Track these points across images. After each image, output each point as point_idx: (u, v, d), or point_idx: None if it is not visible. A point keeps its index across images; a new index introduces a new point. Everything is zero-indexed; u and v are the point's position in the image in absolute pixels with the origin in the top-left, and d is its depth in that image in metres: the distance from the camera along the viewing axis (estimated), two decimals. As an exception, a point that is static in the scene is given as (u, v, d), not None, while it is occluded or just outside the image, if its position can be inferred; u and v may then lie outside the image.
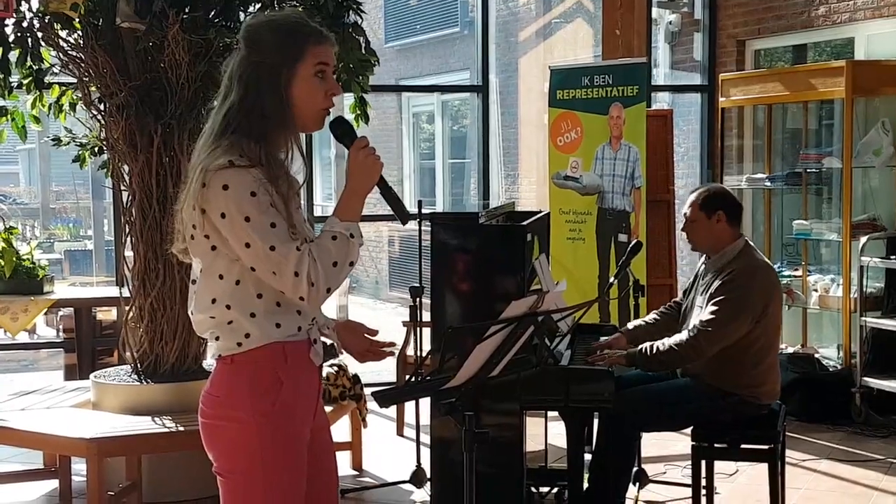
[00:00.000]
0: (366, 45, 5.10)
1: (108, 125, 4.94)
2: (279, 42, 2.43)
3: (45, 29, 4.87)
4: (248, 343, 2.42)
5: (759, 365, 4.26)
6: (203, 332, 2.51)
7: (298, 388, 2.47)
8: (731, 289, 4.19)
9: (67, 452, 4.82)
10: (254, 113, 2.41)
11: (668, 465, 5.46)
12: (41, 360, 9.86)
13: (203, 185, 2.35)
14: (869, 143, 6.60)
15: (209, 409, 2.47)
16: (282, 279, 2.34)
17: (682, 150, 8.85)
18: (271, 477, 2.43)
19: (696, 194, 4.43)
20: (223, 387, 2.46)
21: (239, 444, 2.43)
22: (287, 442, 2.45)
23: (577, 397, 3.99)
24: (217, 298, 2.43)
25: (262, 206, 2.33)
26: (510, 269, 4.08)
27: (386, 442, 6.11)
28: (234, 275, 2.41)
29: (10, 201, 16.90)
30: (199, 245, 2.43)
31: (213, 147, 2.40)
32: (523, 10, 12.70)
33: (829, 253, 7.24)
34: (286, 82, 2.42)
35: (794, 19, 7.49)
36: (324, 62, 2.46)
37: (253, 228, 2.32)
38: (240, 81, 2.44)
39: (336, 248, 2.38)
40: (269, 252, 2.33)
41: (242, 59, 2.45)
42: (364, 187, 2.44)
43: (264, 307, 2.42)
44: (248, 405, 2.41)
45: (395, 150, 15.33)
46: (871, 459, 5.65)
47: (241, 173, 2.34)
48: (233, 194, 2.32)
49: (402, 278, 13.71)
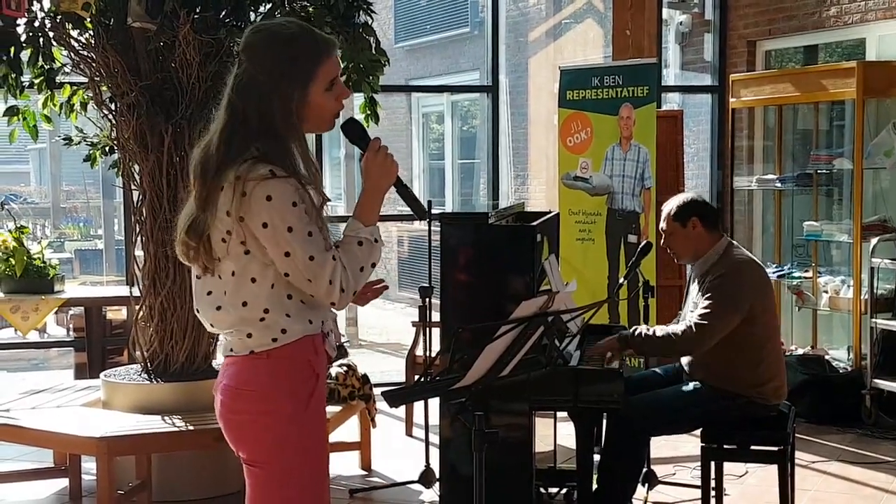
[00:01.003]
0: (376, 46, 5.10)
1: (118, 125, 4.95)
2: (287, 63, 2.44)
3: (56, 28, 4.88)
4: (284, 338, 2.48)
5: (760, 363, 4.26)
6: (225, 329, 2.54)
7: (324, 378, 2.58)
8: (719, 284, 4.23)
9: (78, 451, 4.83)
10: (270, 132, 2.44)
11: (678, 466, 5.45)
12: (51, 359, 9.89)
13: (243, 194, 2.38)
14: (880, 145, 6.58)
15: (243, 405, 2.50)
16: (317, 286, 2.43)
17: (693, 151, 8.84)
18: (309, 464, 2.53)
19: (668, 207, 4.44)
20: (258, 381, 2.49)
21: (277, 435, 2.48)
22: (320, 429, 2.57)
23: (586, 398, 3.98)
24: (249, 301, 2.48)
25: (303, 216, 2.41)
26: (520, 270, 4.08)
27: (395, 442, 6.11)
28: (269, 279, 2.47)
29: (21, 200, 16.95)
30: (233, 249, 2.47)
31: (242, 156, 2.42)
32: (533, 11, 12.70)
33: (839, 254, 7.22)
34: (299, 103, 2.46)
35: (805, 20, 7.47)
36: (334, 76, 2.50)
37: (295, 238, 2.39)
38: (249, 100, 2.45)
39: (362, 254, 2.47)
40: (309, 262, 2.40)
41: (251, 78, 2.46)
42: (382, 187, 2.50)
43: (297, 306, 2.50)
44: (289, 397, 2.48)
45: (404, 150, 15.33)
46: (882, 461, 5.63)
47: (282, 183, 2.39)
48: (277, 205, 2.38)
49: (411, 278, 13.71)
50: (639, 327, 4.33)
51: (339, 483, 5.24)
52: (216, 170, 2.45)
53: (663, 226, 4.45)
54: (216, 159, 2.46)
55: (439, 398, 3.88)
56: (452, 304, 4.17)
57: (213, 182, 2.45)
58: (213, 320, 2.56)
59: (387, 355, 10.46)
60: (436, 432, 4.48)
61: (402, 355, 7.55)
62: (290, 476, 2.51)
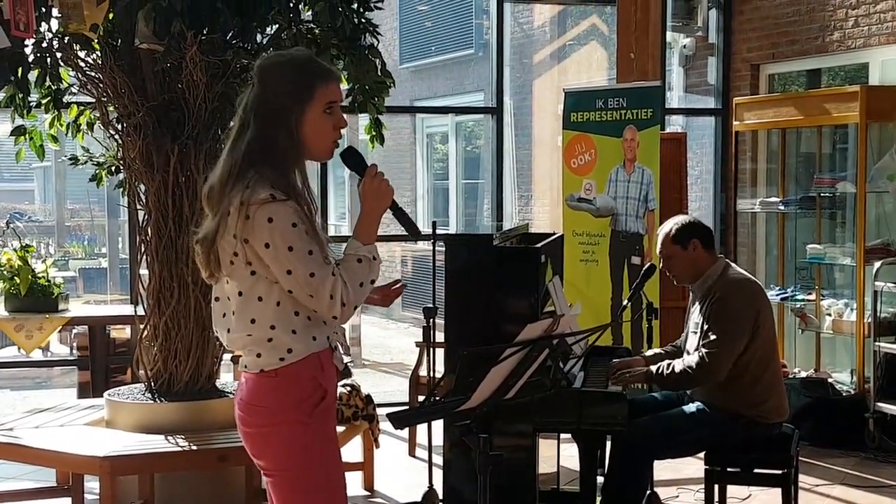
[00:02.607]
0: (381, 67, 5.13)
1: (125, 145, 4.97)
2: (290, 85, 2.65)
3: (64, 49, 4.91)
4: (290, 357, 2.64)
5: (759, 381, 4.28)
6: (238, 349, 2.72)
7: (332, 392, 2.73)
8: (720, 309, 4.25)
9: (81, 470, 4.82)
10: (271, 149, 2.62)
11: (681, 488, 5.44)
12: (54, 378, 9.90)
13: (247, 217, 2.56)
14: (883, 168, 6.60)
15: (256, 419, 2.69)
16: (318, 301, 2.58)
17: (696, 174, 8.86)
18: (323, 468, 2.69)
19: (665, 231, 4.47)
20: (269, 398, 2.67)
21: (291, 444, 2.66)
22: (330, 438, 2.74)
23: (590, 420, 3.98)
24: (256, 319, 2.64)
25: (302, 236, 2.57)
26: (524, 291, 4.08)
27: (398, 462, 6.11)
28: (275, 297, 2.63)
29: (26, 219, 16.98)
30: (238, 270, 2.64)
31: (244, 182, 2.59)
32: (538, 33, 12.75)
33: (842, 277, 7.23)
34: (297, 122, 2.64)
35: (808, 44, 7.51)
36: (332, 101, 2.68)
37: (296, 257, 2.56)
38: (255, 119, 2.65)
39: (362, 270, 2.63)
40: (309, 278, 2.56)
41: (257, 96, 2.67)
42: (379, 210, 2.69)
43: (302, 323, 2.65)
44: (297, 410, 2.64)
45: (408, 170, 15.37)
46: (885, 485, 5.62)
47: (282, 206, 2.56)
48: (277, 226, 2.55)
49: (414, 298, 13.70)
50: (660, 364, 4.34)
51: None
52: (220, 194, 2.63)
53: (662, 250, 4.47)
54: (220, 184, 2.64)
55: (444, 419, 3.89)
56: (456, 324, 4.18)
57: (220, 206, 2.62)
58: (227, 341, 2.75)
59: (390, 375, 10.45)
60: (439, 453, 4.48)
61: (404, 375, 7.56)
62: (306, 481, 2.68)
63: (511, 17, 11.79)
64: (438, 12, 15.19)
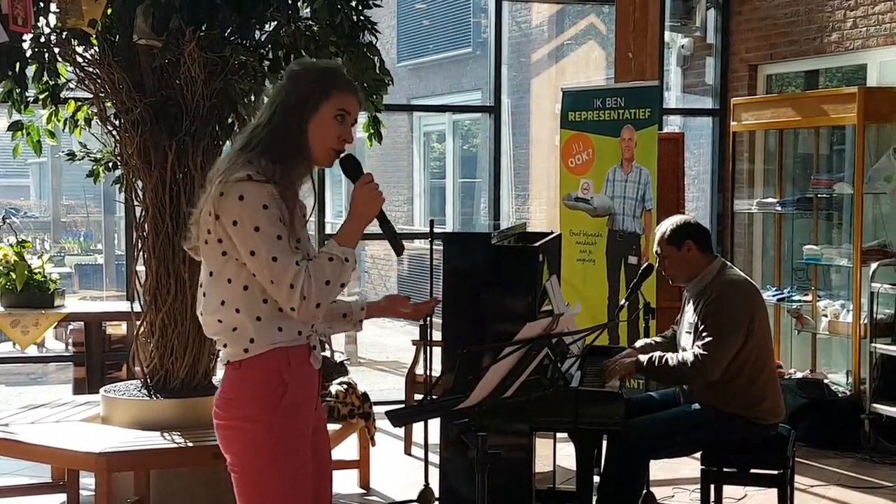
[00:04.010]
0: (380, 65, 5.12)
1: (122, 141, 4.97)
2: (312, 80, 2.71)
3: (62, 45, 4.90)
4: (253, 348, 2.65)
5: (755, 382, 4.28)
6: (212, 335, 2.74)
7: (301, 389, 2.70)
8: (715, 309, 4.26)
9: (76, 466, 4.82)
10: (275, 135, 2.66)
11: (677, 488, 5.45)
12: (50, 374, 9.88)
13: (221, 193, 2.59)
14: (880, 170, 6.60)
15: (223, 412, 2.70)
16: (278, 289, 2.57)
17: (693, 174, 8.86)
18: (282, 469, 2.66)
19: (661, 232, 4.48)
20: (234, 390, 2.69)
21: (252, 441, 2.65)
22: (294, 437, 2.68)
23: (587, 419, 3.98)
24: (226, 301, 2.66)
25: (272, 219, 2.57)
26: (522, 290, 4.08)
27: (394, 461, 6.10)
28: (243, 280, 2.64)
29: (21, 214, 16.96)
30: (211, 249, 2.67)
31: (235, 160, 2.64)
32: (536, 32, 12.75)
33: (839, 278, 7.23)
34: (308, 115, 2.68)
35: (806, 45, 7.51)
36: (345, 110, 2.72)
37: (261, 238, 2.56)
38: (271, 106, 2.71)
39: (331, 269, 2.60)
40: (271, 262, 2.56)
41: (280, 87, 2.76)
42: (366, 217, 2.69)
43: (269, 311, 2.64)
44: (258, 405, 2.64)
45: (405, 168, 15.36)
46: (881, 486, 5.63)
47: (256, 186, 2.57)
48: (247, 205, 2.56)
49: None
50: (653, 354, 4.35)
51: (339, 501, 5.24)
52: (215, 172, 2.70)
53: (657, 249, 4.48)
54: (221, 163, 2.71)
55: (441, 418, 3.89)
56: (454, 323, 4.18)
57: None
58: (202, 323, 2.75)
59: (386, 373, 10.45)
60: (435, 451, 4.48)
61: (400, 373, 7.56)
62: (264, 480, 2.66)
63: (509, 15, 11.78)
64: (436, 11, 15.18)
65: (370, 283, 15.40)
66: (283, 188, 2.62)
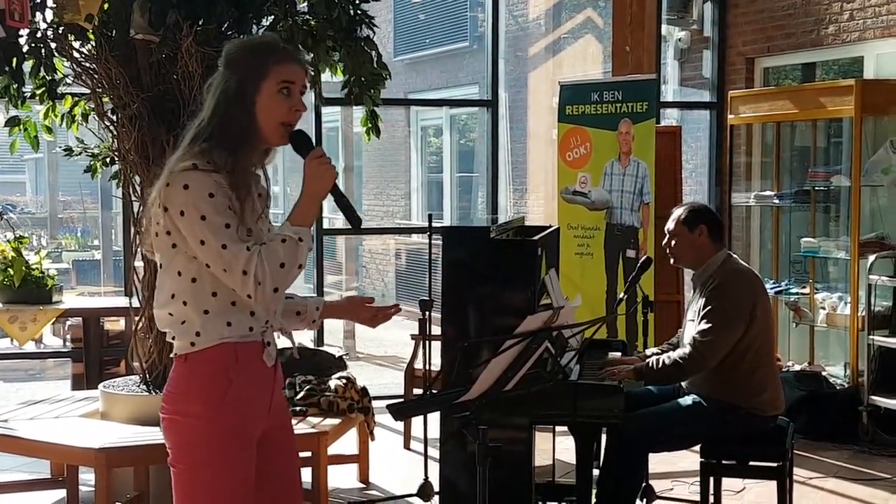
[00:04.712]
0: (378, 59, 5.12)
1: (120, 136, 4.95)
2: (248, 61, 2.63)
3: (59, 40, 4.88)
4: (199, 342, 2.58)
5: (755, 372, 4.29)
6: (163, 328, 2.67)
7: (249, 387, 2.63)
8: (717, 296, 4.27)
9: (75, 462, 4.82)
10: (222, 124, 2.59)
11: (676, 481, 5.45)
12: (48, 370, 9.88)
13: (167, 184, 2.54)
14: (877, 162, 6.61)
15: (166, 405, 2.64)
16: (231, 276, 2.51)
17: (691, 167, 8.86)
18: (217, 472, 2.59)
19: (679, 211, 4.51)
20: (178, 384, 2.62)
21: (189, 439, 2.60)
22: (234, 435, 2.60)
23: (586, 412, 3.99)
24: (176, 294, 2.60)
25: (219, 208, 2.51)
26: (521, 284, 4.08)
27: (393, 455, 6.11)
28: (192, 272, 2.58)
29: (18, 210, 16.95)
30: (161, 242, 2.60)
31: (184, 153, 2.58)
32: (533, 26, 12.74)
33: (836, 271, 7.24)
34: (251, 97, 2.60)
35: (803, 37, 7.51)
36: (288, 80, 2.63)
37: (208, 227, 2.50)
38: (213, 95, 2.63)
39: (284, 251, 2.52)
40: (221, 250, 2.49)
41: (218, 75, 2.67)
42: (318, 194, 2.59)
43: (218, 305, 2.58)
44: (199, 402, 2.58)
45: (402, 163, 15.36)
46: (879, 478, 5.64)
47: (202, 175, 2.52)
48: (192, 194, 2.50)
49: (408, 291, 13.71)
50: (649, 359, 4.35)
51: (338, 496, 5.24)
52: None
53: (671, 226, 4.48)
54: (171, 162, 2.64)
55: (440, 412, 3.89)
56: (453, 317, 4.18)
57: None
58: (156, 319, 2.69)
59: (384, 368, 10.45)
60: (434, 446, 4.48)
61: (398, 368, 7.56)
62: (199, 482, 2.60)
63: (506, 9, 11.78)
64: (432, 5, 15.17)
65: (368, 279, 15.41)
66: (234, 177, 2.56)
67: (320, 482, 4.65)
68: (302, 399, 4.99)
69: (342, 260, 13.80)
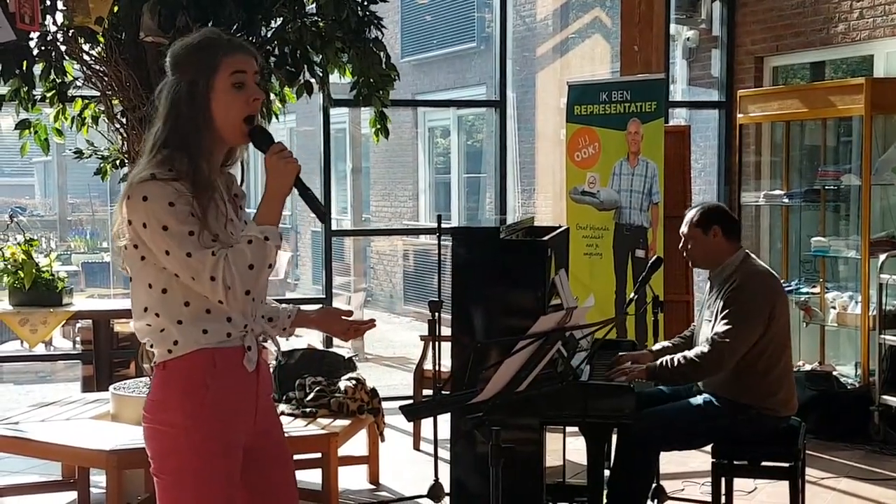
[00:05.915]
0: (386, 60, 5.12)
1: (129, 138, 4.96)
2: (196, 58, 2.56)
3: (68, 42, 4.89)
4: (177, 350, 2.54)
5: (770, 372, 4.27)
6: (143, 339, 2.63)
7: (230, 393, 2.59)
8: (736, 297, 4.25)
9: (87, 464, 4.83)
10: (177, 128, 2.53)
11: (687, 481, 5.44)
12: (58, 372, 9.90)
13: (128, 196, 2.50)
14: (888, 161, 6.59)
15: (147, 413, 2.60)
16: (200, 284, 2.47)
17: (700, 167, 8.84)
18: (201, 480, 2.55)
19: (692, 212, 4.48)
20: (158, 392, 2.59)
21: (170, 447, 2.56)
22: (216, 445, 2.56)
23: (597, 413, 3.98)
24: (148, 307, 2.56)
25: (181, 216, 2.46)
26: (531, 284, 4.07)
27: (403, 456, 6.11)
28: (162, 283, 2.54)
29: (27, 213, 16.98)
30: (130, 255, 2.57)
31: (146, 163, 2.53)
32: (540, 26, 12.73)
33: (847, 270, 7.22)
34: (204, 96, 2.54)
35: (812, 36, 7.49)
36: (240, 70, 2.57)
37: (171, 237, 2.46)
38: (165, 101, 2.57)
39: (252, 252, 2.47)
40: (187, 259, 2.46)
41: (167, 81, 2.60)
42: (281, 190, 2.53)
43: (191, 314, 2.54)
44: (178, 410, 2.54)
45: (410, 164, 15.36)
46: (890, 478, 5.62)
47: (161, 185, 2.47)
48: (152, 205, 2.46)
49: (416, 292, 13.72)
50: (662, 358, 4.32)
51: (348, 497, 5.24)
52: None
53: (684, 229, 4.47)
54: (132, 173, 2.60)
55: (450, 412, 3.88)
56: (463, 318, 4.17)
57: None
58: (134, 329, 2.66)
59: (393, 369, 10.45)
60: (444, 447, 4.48)
61: (407, 369, 7.56)
62: (181, 491, 2.56)
63: (513, 9, 11.77)
64: (440, 6, 15.17)
65: (376, 279, 15.42)
66: (196, 182, 2.50)
67: (331, 483, 4.65)
68: (312, 400, 4.99)
69: (350, 261, 13.81)
